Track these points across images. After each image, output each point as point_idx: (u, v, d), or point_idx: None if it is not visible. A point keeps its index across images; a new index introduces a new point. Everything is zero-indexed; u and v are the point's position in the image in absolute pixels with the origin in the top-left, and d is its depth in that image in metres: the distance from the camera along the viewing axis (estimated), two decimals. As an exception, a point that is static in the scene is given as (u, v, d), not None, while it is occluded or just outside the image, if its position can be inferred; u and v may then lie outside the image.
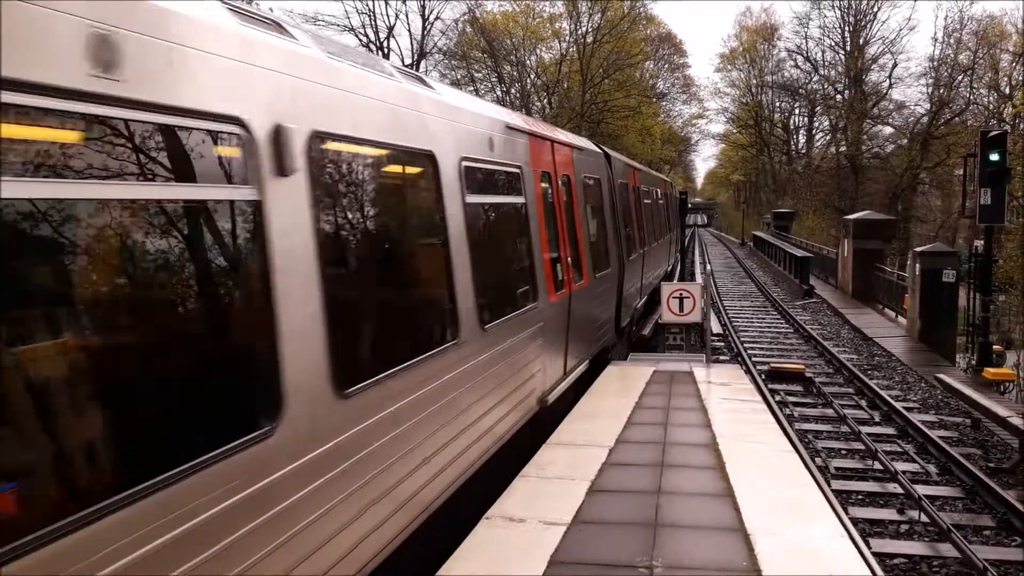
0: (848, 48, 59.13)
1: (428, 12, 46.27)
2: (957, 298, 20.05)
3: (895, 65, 56.57)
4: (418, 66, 44.29)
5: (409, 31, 56.91)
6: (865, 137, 57.41)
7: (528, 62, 53.79)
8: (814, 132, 69.98)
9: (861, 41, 58.27)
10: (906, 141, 55.26)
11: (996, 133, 16.19)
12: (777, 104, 72.90)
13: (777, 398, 13.81)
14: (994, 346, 16.66)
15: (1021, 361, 15.66)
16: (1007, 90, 51.50)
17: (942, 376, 14.33)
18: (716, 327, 20.78)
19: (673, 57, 69.57)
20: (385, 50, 44.14)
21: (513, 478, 6.28)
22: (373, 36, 44.52)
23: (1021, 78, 50.10)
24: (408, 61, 44.66)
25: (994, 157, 15.55)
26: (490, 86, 52.53)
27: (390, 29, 45.18)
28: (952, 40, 53.71)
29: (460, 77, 50.88)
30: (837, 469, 10.44)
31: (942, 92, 53.24)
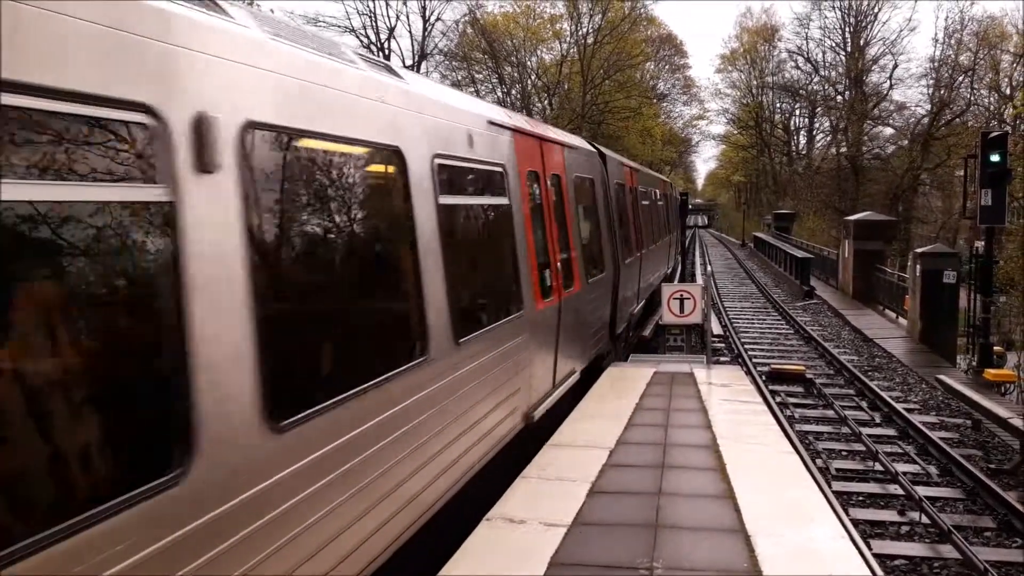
0: (849, 49, 59.18)
1: (429, 13, 46.34)
2: (958, 299, 20.03)
3: (896, 66, 56.70)
4: (419, 67, 44.32)
5: (410, 32, 56.97)
6: (866, 138, 57.43)
7: (529, 63, 53.84)
8: (815, 133, 70.10)
9: (862, 42, 58.32)
10: (907, 142, 55.28)
11: (997, 134, 16.20)
12: (778, 105, 73.00)
13: (778, 399, 13.81)
14: (995, 347, 16.65)
15: (1022, 362, 15.65)
16: (1008, 91, 51.49)
17: (943, 377, 14.33)
18: (717, 328, 20.76)
19: (674, 58, 69.69)
20: (386, 51, 44.18)
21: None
22: (374, 37, 44.60)
23: (1022, 79, 50.19)
24: (409, 62, 44.70)
25: (995, 158, 15.55)
26: (491, 87, 52.56)
27: (391, 30, 45.24)
28: (953, 41, 53.82)
29: (461, 78, 50.93)
30: (838, 470, 10.44)
31: (943, 93, 53.27)
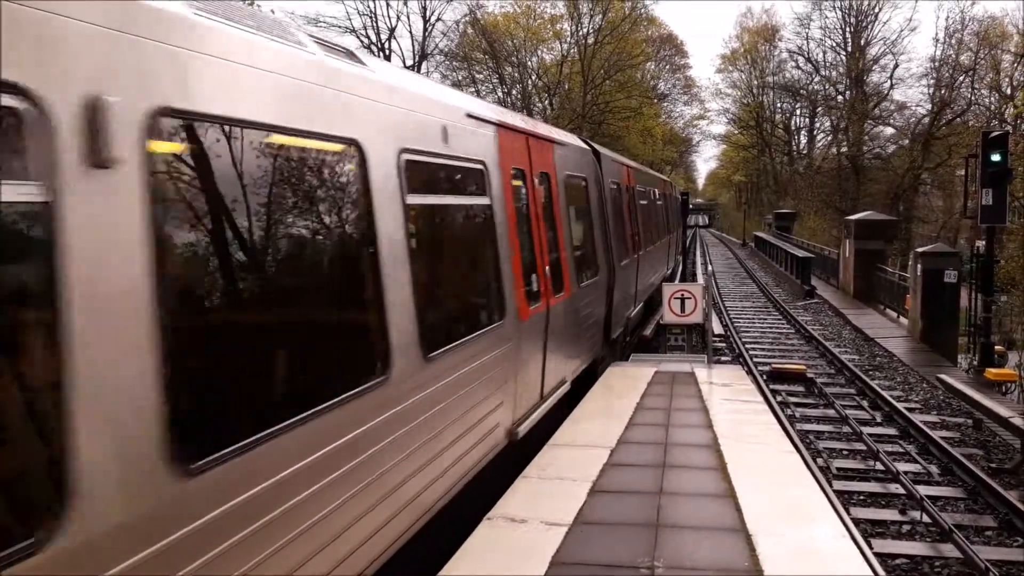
0: (849, 49, 59.18)
1: (429, 13, 46.38)
2: (959, 298, 20.04)
3: (896, 66, 56.71)
4: (419, 67, 44.35)
5: (410, 32, 56.89)
6: (866, 138, 57.43)
7: (529, 63, 53.88)
8: (815, 133, 70.12)
9: (862, 42, 58.32)
10: (907, 142, 55.28)
11: (998, 134, 16.20)
12: (778, 105, 73.03)
13: (779, 399, 13.80)
14: (996, 346, 16.66)
15: (1023, 361, 15.66)
16: (1008, 91, 51.44)
17: (944, 377, 14.32)
18: (718, 328, 20.77)
19: (674, 58, 69.73)
20: (386, 51, 44.21)
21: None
22: (375, 37, 44.64)
23: (1022, 79, 50.16)
24: (410, 62, 44.73)
25: (995, 158, 15.56)
26: (491, 87, 52.61)
27: (391, 30, 45.30)
28: (953, 41, 53.81)
29: (462, 78, 50.95)
30: (839, 470, 10.44)
31: (943, 93, 53.26)
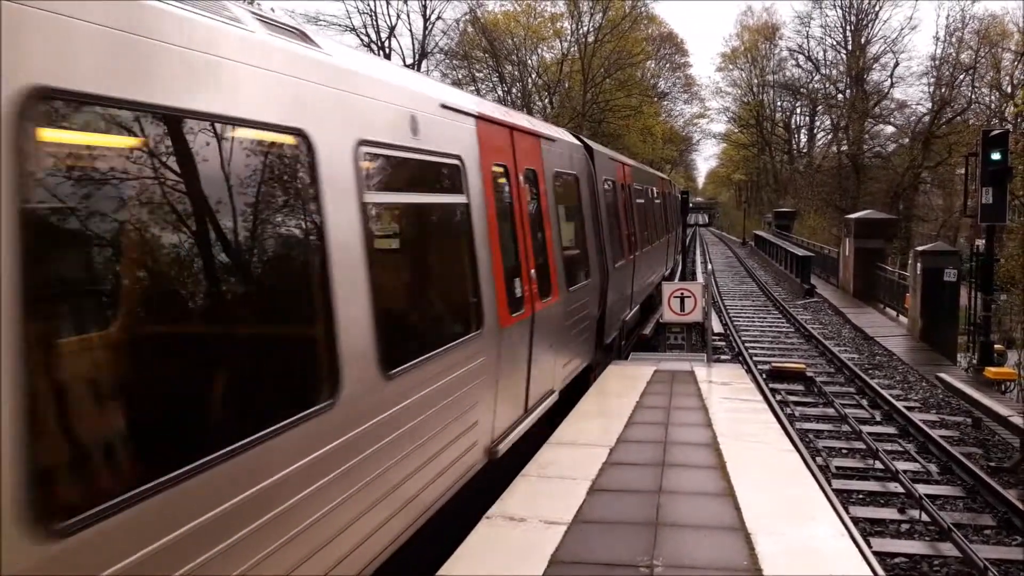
0: (849, 47, 59.10)
1: (429, 12, 46.37)
2: (958, 297, 20.05)
3: (896, 64, 56.61)
4: (419, 66, 44.33)
5: (411, 31, 56.95)
6: (867, 136, 57.37)
7: (529, 62, 53.86)
8: (815, 131, 70.05)
9: (863, 40, 58.24)
10: (908, 140, 55.22)
11: (998, 132, 16.20)
12: (778, 103, 72.96)
13: (778, 397, 13.81)
14: (995, 345, 16.66)
15: (1022, 360, 15.66)
16: (1009, 89, 51.42)
17: (943, 375, 14.33)
18: (717, 326, 20.77)
19: (674, 56, 69.66)
20: (386, 50, 44.20)
21: None
22: (375, 36, 44.64)
23: (1023, 77, 50.13)
24: (410, 61, 44.71)
25: (996, 156, 15.56)
26: (491, 86, 52.58)
27: (391, 29, 45.30)
28: (954, 39, 53.73)
29: (462, 77, 50.93)
30: (838, 468, 10.45)
31: (944, 91, 53.20)
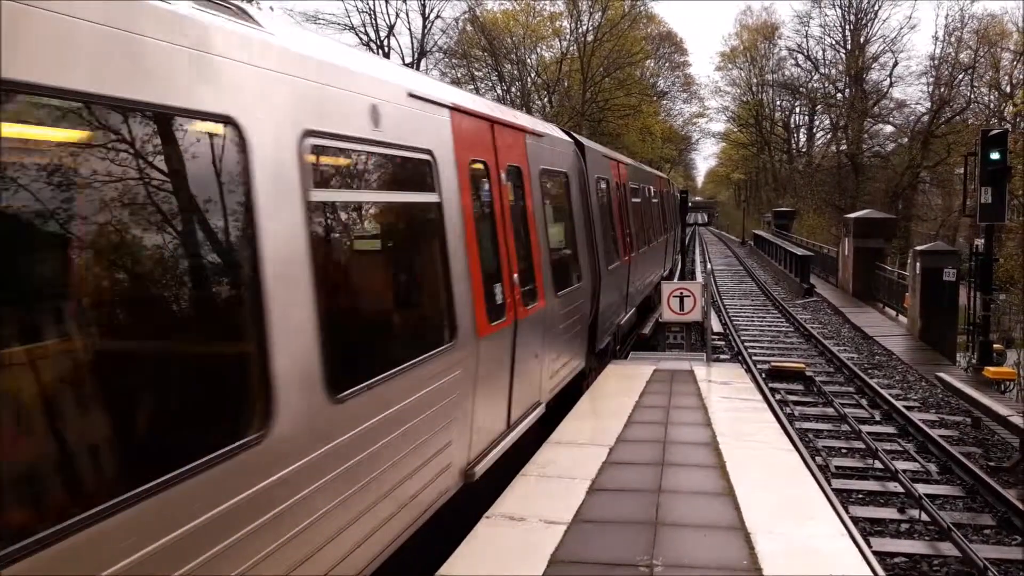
0: (849, 47, 59.11)
1: (428, 11, 46.37)
2: (958, 297, 20.07)
3: (896, 64, 56.63)
4: (418, 65, 44.33)
5: (409, 30, 57.07)
6: (866, 136, 57.41)
7: (528, 61, 53.86)
8: (815, 131, 70.02)
9: (862, 40, 58.25)
10: (907, 140, 55.29)
11: (997, 132, 16.21)
12: (778, 103, 72.90)
13: (777, 397, 13.81)
14: (995, 345, 16.66)
15: (1021, 360, 15.67)
16: (1008, 89, 51.47)
17: (942, 375, 14.33)
18: (716, 326, 20.76)
19: (674, 56, 69.57)
20: (385, 49, 44.19)
21: None
22: (374, 35, 44.64)
23: (1022, 77, 50.19)
24: (409, 60, 44.70)
25: (995, 156, 15.56)
26: (491, 84, 52.59)
27: (390, 28, 45.31)
28: (953, 39, 53.76)
29: (461, 76, 50.93)
30: (837, 468, 10.44)
31: (943, 91, 53.24)
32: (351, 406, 3.91)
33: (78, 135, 2.61)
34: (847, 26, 59.12)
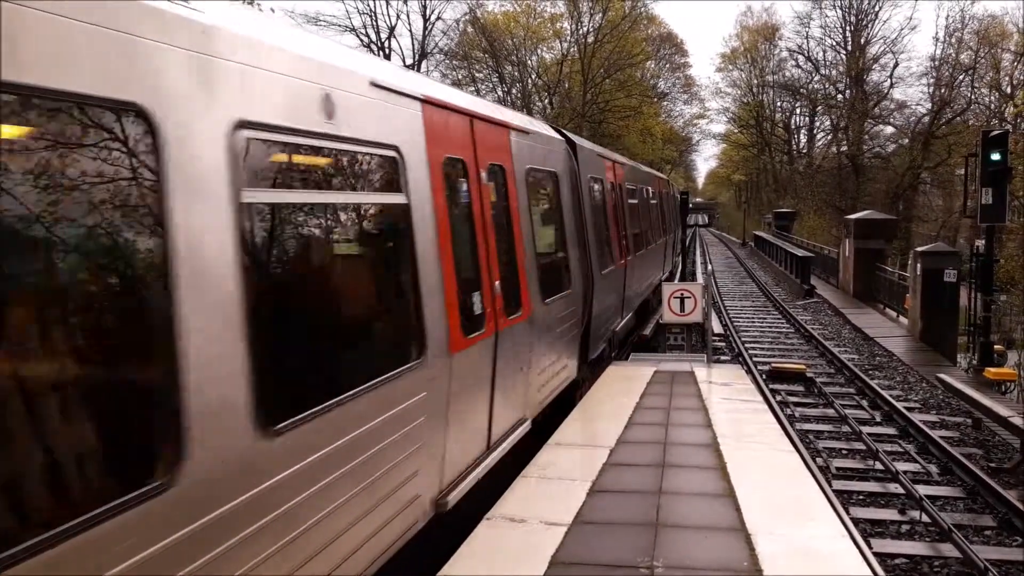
0: (849, 48, 59.15)
1: (429, 12, 46.43)
2: (958, 298, 20.06)
3: (896, 65, 56.67)
4: (419, 66, 44.35)
5: (410, 31, 57.08)
6: (866, 137, 57.46)
7: (529, 62, 53.91)
8: (815, 132, 70.06)
9: (862, 41, 58.29)
10: (907, 141, 55.32)
11: (997, 133, 16.21)
12: (778, 104, 72.93)
13: (778, 398, 13.81)
14: (995, 346, 16.66)
15: (1022, 361, 15.67)
16: (1008, 89, 51.49)
17: (943, 376, 14.33)
18: (717, 327, 20.77)
19: (674, 57, 69.66)
20: (386, 50, 44.22)
21: None
22: (374, 36, 44.67)
23: (1022, 77, 50.19)
24: (409, 61, 44.74)
25: (995, 157, 15.57)
26: (491, 86, 52.65)
27: (391, 29, 45.34)
28: (953, 40, 53.82)
29: (462, 77, 50.99)
30: (838, 469, 10.45)
31: (943, 92, 53.27)
32: (290, 439, 3.42)
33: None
34: (848, 27, 59.21)
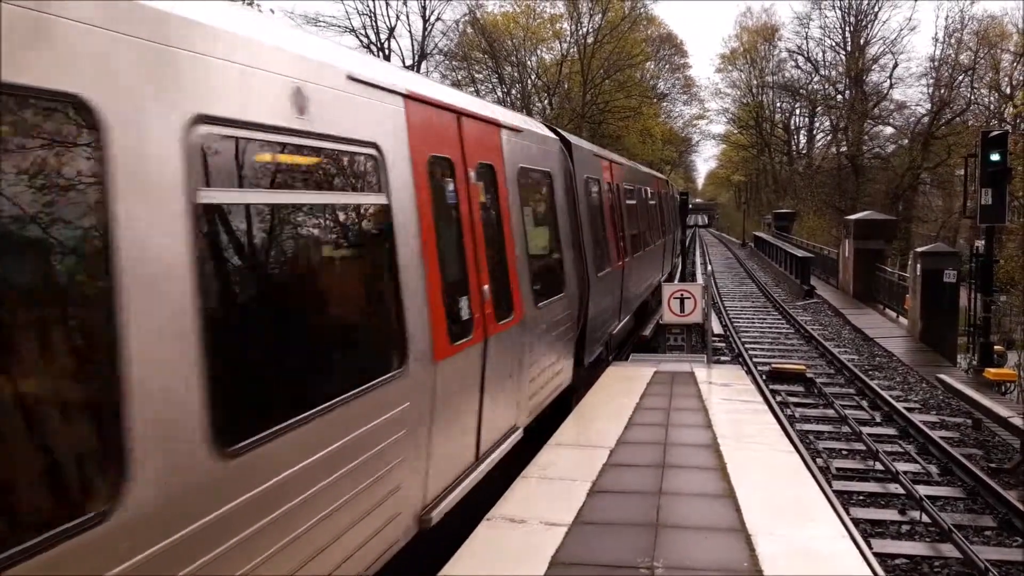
0: (849, 48, 59.20)
1: (429, 13, 46.43)
2: (958, 298, 20.07)
3: (896, 65, 56.76)
4: (419, 67, 44.36)
5: (410, 32, 57.19)
6: (866, 137, 57.50)
7: (529, 63, 53.93)
8: (815, 132, 70.11)
9: (862, 41, 58.34)
10: (907, 141, 55.38)
11: (997, 133, 16.22)
12: (778, 104, 72.98)
13: (778, 398, 13.81)
14: (995, 346, 16.67)
15: (1022, 361, 15.67)
16: (1008, 90, 51.52)
17: (943, 376, 14.33)
18: (717, 328, 20.76)
19: (674, 58, 69.66)
20: (386, 51, 44.22)
21: None
22: (374, 37, 44.68)
23: (1022, 78, 50.23)
24: (409, 62, 44.75)
25: (995, 157, 15.58)
26: (491, 87, 52.67)
27: (391, 30, 45.32)
28: (953, 40, 53.90)
29: (461, 78, 51.00)
30: (838, 470, 10.45)
31: (943, 92, 53.32)
32: (251, 460, 3.16)
33: None
34: (847, 28, 59.27)
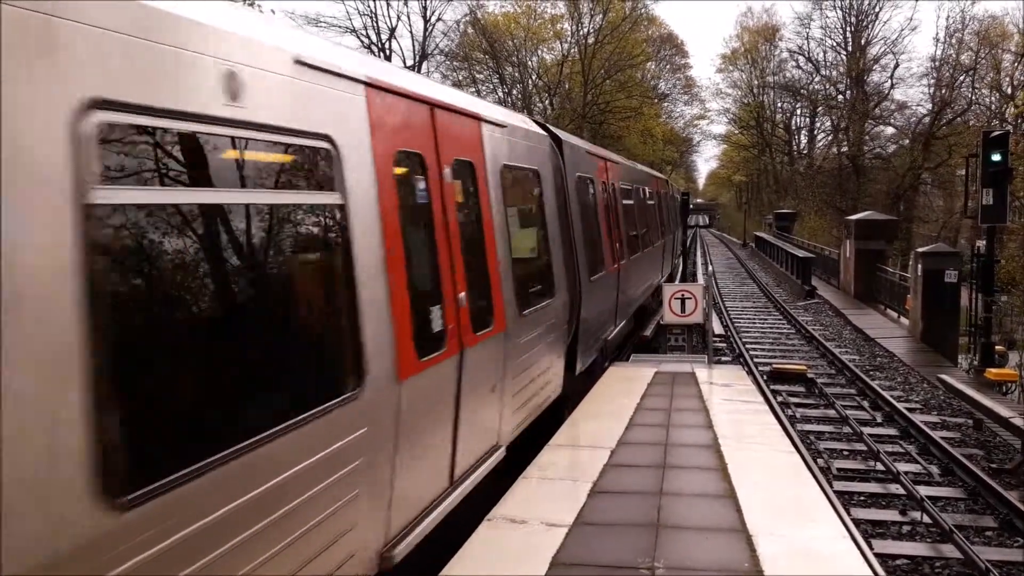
0: (850, 48, 59.17)
1: (430, 13, 46.46)
2: (959, 298, 20.07)
3: (897, 65, 56.72)
4: (420, 67, 44.38)
5: (411, 32, 57.04)
6: (867, 137, 57.48)
7: (529, 63, 53.97)
8: (816, 132, 70.13)
9: (863, 41, 58.31)
10: (908, 141, 55.34)
11: (998, 133, 16.21)
12: (779, 105, 73.00)
13: (779, 399, 13.80)
14: (996, 346, 16.66)
15: (1023, 361, 15.66)
16: (1009, 90, 51.47)
17: (944, 377, 14.32)
18: (718, 328, 20.76)
19: (675, 58, 69.69)
20: (387, 51, 44.24)
21: None
22: (375, 37, 44.71)
23: (1023, 78, 50.19)
24: (410, 62, 44.77)
25: (996, 157, 15.56)
26: (492, 87, 52.69)
27: (392, 30, 45.39)
28: (954, 40, 53.85)
29: (462, 78, 51.01)
30: (839, 470, 10.44)
31: (944, 92, 53.28)
32: (152, 510, 2.64)
33: None
34: (848, 28, 59.23)
